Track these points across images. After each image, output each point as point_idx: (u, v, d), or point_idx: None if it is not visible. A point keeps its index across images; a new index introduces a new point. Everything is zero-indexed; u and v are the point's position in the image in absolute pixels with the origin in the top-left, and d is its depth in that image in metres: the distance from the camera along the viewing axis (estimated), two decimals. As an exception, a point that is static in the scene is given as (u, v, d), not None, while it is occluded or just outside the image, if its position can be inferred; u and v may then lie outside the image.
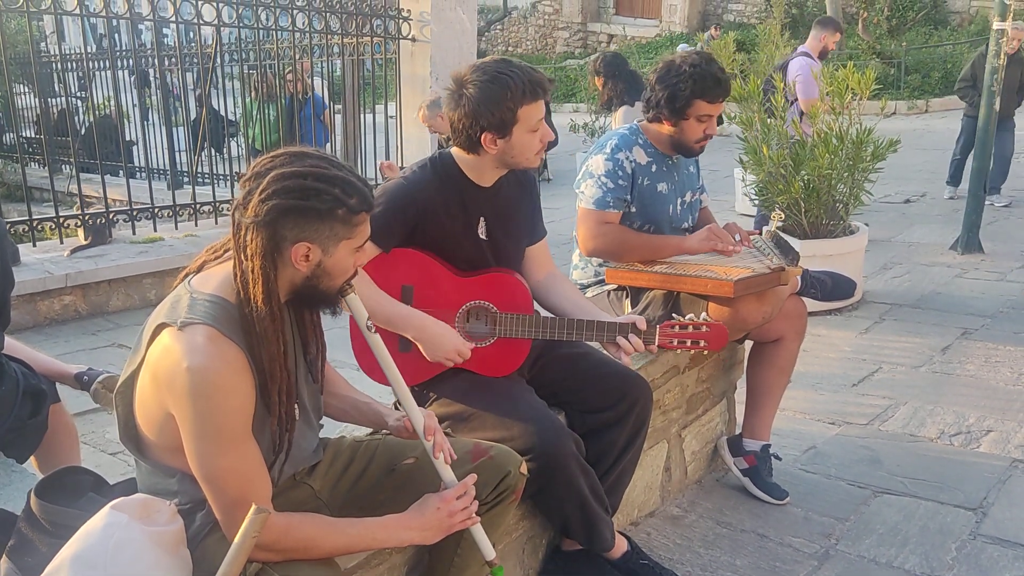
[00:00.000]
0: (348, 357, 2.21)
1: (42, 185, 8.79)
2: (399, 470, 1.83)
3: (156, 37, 7.15)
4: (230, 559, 1.39)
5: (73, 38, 15.07)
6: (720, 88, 2.71)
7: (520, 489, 1.93)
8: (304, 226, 1.47)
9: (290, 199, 1.45)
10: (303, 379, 1.68)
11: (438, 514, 1.67)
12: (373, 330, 1.71)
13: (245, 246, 1.48)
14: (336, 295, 1.61)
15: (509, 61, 2.08)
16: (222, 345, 1.45)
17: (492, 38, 24.64)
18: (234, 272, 1.51)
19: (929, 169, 9.38)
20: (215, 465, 1.46)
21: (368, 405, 1.88)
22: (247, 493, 1.48)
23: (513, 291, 2.21)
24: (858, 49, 15.64)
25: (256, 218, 1.45)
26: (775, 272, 2.61)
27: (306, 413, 1.71)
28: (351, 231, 1.52)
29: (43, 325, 5.11)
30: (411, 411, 1.74)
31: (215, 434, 1.44)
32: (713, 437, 3.13)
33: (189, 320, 1.46)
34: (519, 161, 2.16)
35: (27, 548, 1.57)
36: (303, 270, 1.52)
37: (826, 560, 2.56)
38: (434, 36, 7.43)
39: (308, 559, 1.56)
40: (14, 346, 2.22)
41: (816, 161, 4.63)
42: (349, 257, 1.56)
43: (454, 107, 2.08)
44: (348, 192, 1.49)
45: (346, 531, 1.60)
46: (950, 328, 4.52)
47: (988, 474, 3.02)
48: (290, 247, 1.48)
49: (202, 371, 1.41)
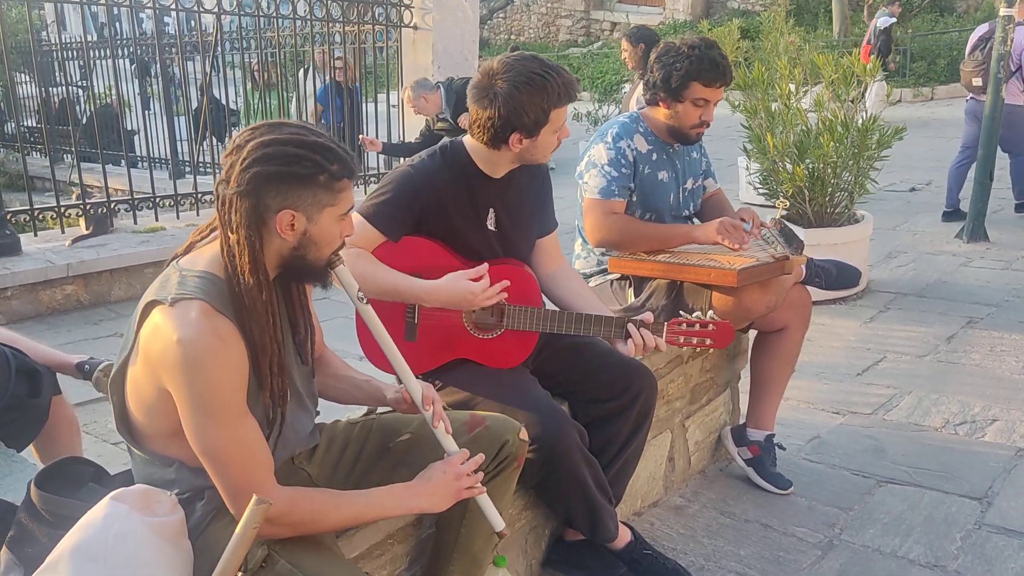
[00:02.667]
0: (355, 348, 2.20)
1: (43, 175, 8.78)
2: (395, 448, 1.83)
3: (157, 25, 7.12)
4: (231, 549, 1.39)
5: (74, 27, 15.02)
6: (717, 72, 2.65)
7: (522, 456, 1.92)
8: (287, 193, 1.47)
9: (271, 166, 1.45)
10: (293, 361, 1.68)
11: (444, 478, 1.67)
12: (365, 301, 1.71)
13: (230, 218, 1.48)
14: (325, 267, 1.60)
15: (542, 60, 2.06)
16: (214, 318, 1.45)
17: (494, 26, 24.53)
18: (222, 247, 1.51)
19: (934, 157, 9.32)
20: (214, 438, 1.45)
21: (368, 382, 1.88)
22: (248, 466, 1.48)
23: (522, 283, 2.19)
24: (863, 36, 15.54)
25: (239, 188, 1.46)
26: (779, 261, 2.59)
27: (299, 395, 1.70)
28: (334, 198, 1.52)
29: (45, 315, 5.10)
30: (408, 381, 1.75)
31: (211, 406, 1.44)
32: (717, 427, 3.12)
33: (180, 295, 1.45)
34: (536, 158, 2.18)
35: (27, 539, 1.57)
36: (289, 239, 1.52)
37: (830, 550, 2.55)
38: (436, 24, 7.40)
39: (316, 532, 1.57)
40: (13, 338, 2.21)
41: (821, 149, 4.60)
42: (334, 225, 1.55)
43: (484, 104, 2.05)
44: (329, 158, 1.49)
45: (354, 501, 1.60)
46: (955, 317, 4.50)
47: (993, 463, 3.00)
48: (274, 215, 1.48)
49: (195, 343, 1.41)
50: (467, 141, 2.20)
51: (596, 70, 16.80)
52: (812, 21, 17.62)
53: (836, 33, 16.02)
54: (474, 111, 2.09)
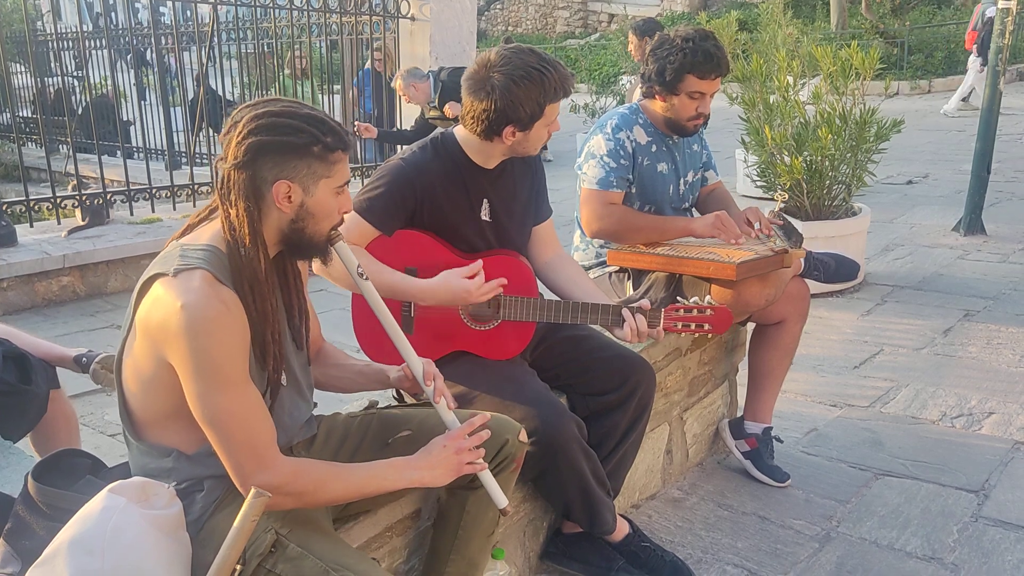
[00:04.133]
0: (352, 340, 2.20)
1: (39, 165, 8.73)
2: (394, 444, 1.82)
3: (153, 16, 7.08)
4: (230, 541, 1.39)
5: (69, 17, 14.94)
6: (711, 64, 2.63)
7: (521, 458, 1.91)
8: (282, 164, 1.49)
9: (265, 136, 1.47)
10: (289, 346, 1.68)
11: (445, 451, 1.67)
12: (365, 276, 1.72)
13: (229, 191, 1.50)
14: (325, 241, 1.61)
15: (539, 54, 2.05)
16: (217, 286, 1.46)
17: (492, 17, 24.46)
18: (223, 223, 1.52)
19: (931, 150, 9.33)
20: (216, 405, 1.45)
21: (368, 366, 1.90)
22: (252, 434, 1.48)
23: (518, 274, 2.19)
24: (861, 29, 15.53)
25: (236, 161, 1.48)
26: (778, 255, 2.59)
27: (296, 382, 1.70)
28: (329, 169, 1.54)
29: (41, 306, 5.09)
30: (409, 358, 1.76)
31: (215, 372, 1.44)
32: (715, 420, 3.12)
33: (183, 266, 1.46)
34: (527, 151, 2.18)
35: (24, 531, 1.57)
36: (287, 212, 1.53)
37: (827, 542, 2.55)
38: (433, 15, 7.37)
39: (320, 503, 1.58)
40: (11, 332, 2.20)
41: (819, 142, 4.60)
42: (331, 198, 1.56)
43: (480, 96, 2.04)
44: (323, 130, 1.51)
45: (356, 472, 1.61)
46: (952, 310, 4.50)
47: (990, 456, 3.01)
48: (271, 187, 1.50)
49: (199, 307, 1.42)
50: (458, 132, 2.18)
51: (593, 62, 16.78)
52: (810, 13, 17.59)
53: (834, 25, 15.99)
54: (468, 102, 2.07)
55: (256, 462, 1.48)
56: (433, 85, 6.52)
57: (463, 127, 2.15)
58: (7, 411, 2.07)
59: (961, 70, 14.48)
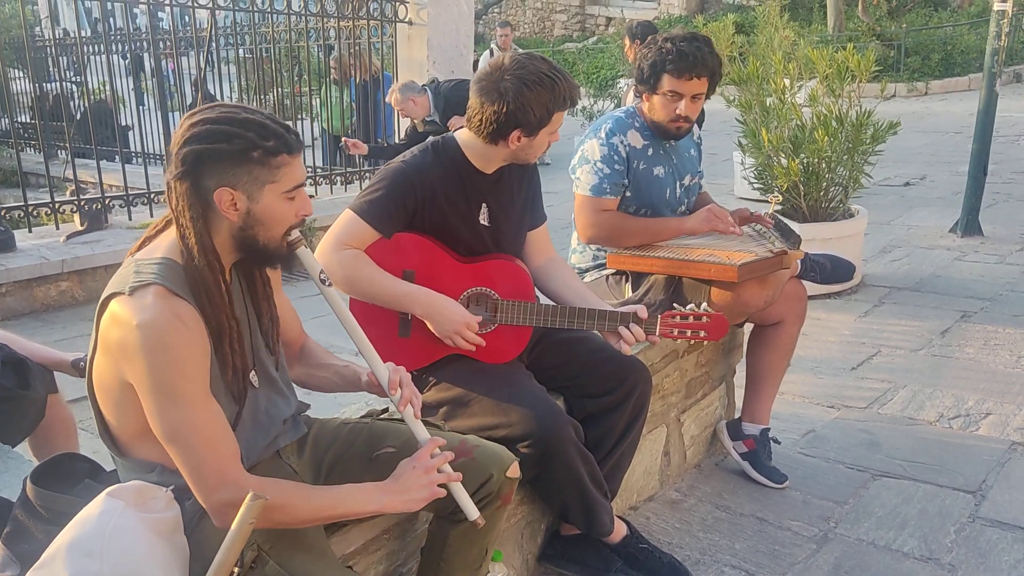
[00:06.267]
0: (348, 342, 2.20)
1: (37, 171, 8.74)
2: (378, 460, 1.78)
3: (151, 20, 7.09)
4: (227, 545, 1.38)
5: (68, 22, 14.96)
6: (685, 63, 2.57)
7: (510, 495, 1.85)
8: (222, 171, 1.47)
9: (201, 144, 1.46)
10: (262, 348, 1.67)
11: (414, 473, 1.61)
12: (328, 283, 1.69)
13: (176, 202, 1.50)
14: (281, 247, 1.58)
15: (550, 62, 2.08)
16: (171, 300, 1.44)
17: (489, 21, 24.45)
18: (176, 233, 1.52)
19: (928, 152, 9.34)
20: (176, 422, 1.43)
21: (347, 367, 1.86)
22: (213, 450, 1.46)
23: (515, 277, 2.20)
24: (858, 31, 15.54)
25: (176, 171, 1.47)
26: (778, 256, 2.60)
27: (271, 379, 1.69)
28: (273, 174, 1.50)
29: (40, 311, 5.09)
30: (374, 364, 1.72)
31: (173, 388, 1.42)
32: (712, 421, 3.12)
33: (138, 284, 1.45)
34: (528, 158, 2.19)
35: (23, 535, 1.57)
36: (234, 219, 1.51)
37: (825, 543, 2.56)
38: (431, 19, 7.38)
39: (290, 523, 1.53)
40: (9, 337, 2.20)
41: (816, 144, 4.61)
42: (279, 203, 1.53)
43: (491, 98, 2.05)
44: (263, 135, 1.47)
45: (323, 494, 1.57)
46: (949, 311, 4.51)
47: (987, 457, 3.01)
48: (213, 195, 1.48)
49: (153, 325, 1.40)
50: (460, 135, 2.20)
51: (591, 65, 16.78)
52: (807, 16, 17.61)
53: (831, 28, 16.00)
54: (478, 104, 2.08)
55: (218, 478, 1.45)
56: (434, 100, 6.23)
57: (468, 129, 2.16)
58: (6, 416, 2.07)
59: (958, 72, 14.52)
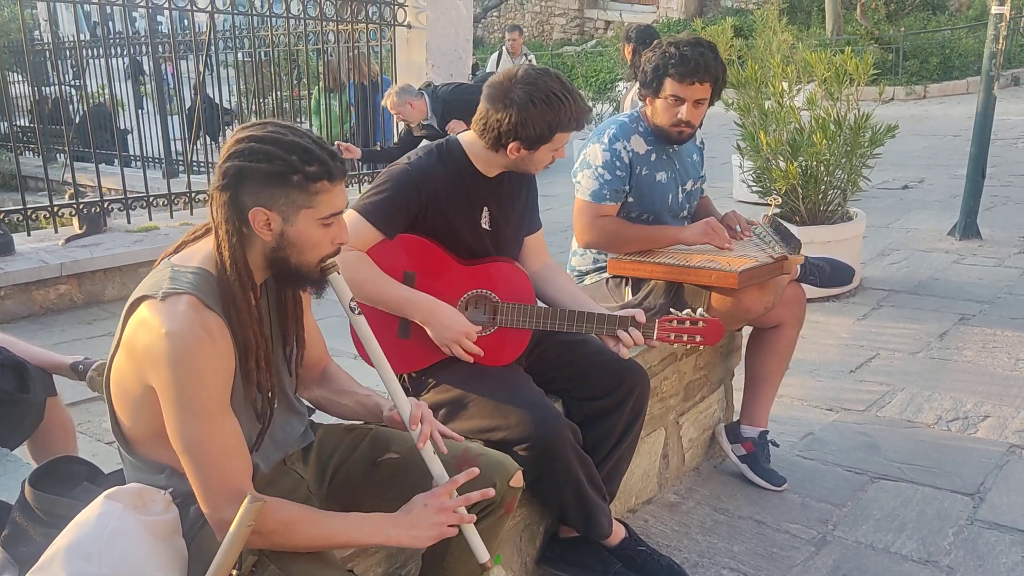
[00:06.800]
0: (348, 347, 2.20)
1: (36, 174, 8.73)
2: (382, 465, 1.78)
3: (150, 24, 7.10)
4: (225, 548, 1.39)
5: (67, 26, 14.97)
6: (687, 67, 2.58)
7: (513, 503, 1.85)
8: (260, 191, 1.47)
9: (244, 161, 1.46)
10: (283, 369, 1.67)
11: (426, 511, 1.59)
12: (358, 311, 1.69)
13: (215, 212, 1.50)
14: (315, 272, 1.57)
15: (564, 82, 2.07)
16: (202, 312, 1.44)
17: (488, 24, 24.51)
18: (214, 244, 1.52)
19: (927, 155, 9.35)
20: (193, 434, 1.44)
21: (369, 397, 1.84)
22: (226, 466, 1.46)
23: (515, 281, 2.21)
24: (856, 34, 15.56)
25: (218, 183, 1.47)
26: (778, 261, 2.60)
27: (288, 400, 1.70)
28: (310, 200, 1.49)
29: (38, 315, 5.09)
30: (397, 398, 1.70)
31: (194, 402, 1.43)
32: (711, 424, 3.12)
33: (171, 290, 1.45)
34: (528, 170, 2.21)
35: (21, 537, 1.57)
36: (267, 239, 1.51)
37: (823, 546, 2.56)
38: (430, 23, 7.39)
39: (291, 546, 1.51)
40: (8, 340, 2.20)
41: (814, 147, 4.61)
42: (314, 229, 1.52)
43: (498, 107, 2.06)
44: (305, 159, 1.47)
45: (330, 519, 1.55)
46: (948, 314, 4.51)
47: (985, 459, 3.02)
48: (249, 212, 1.48)
49: (182, 335, 1.41)
50: (465, 137, 2.20)
51: (590, 69, 16.80)
52: (805, 19, 17.63)
53: (829, 31, 16.02)
54: (485, 109, 2.10)
55: (227, 495, 1.44)
56: (431, 104, 6.08)
57: (472, 132, 2.17)
58: (4, 419, 2.07)
59: (956, 75, 14.53)
